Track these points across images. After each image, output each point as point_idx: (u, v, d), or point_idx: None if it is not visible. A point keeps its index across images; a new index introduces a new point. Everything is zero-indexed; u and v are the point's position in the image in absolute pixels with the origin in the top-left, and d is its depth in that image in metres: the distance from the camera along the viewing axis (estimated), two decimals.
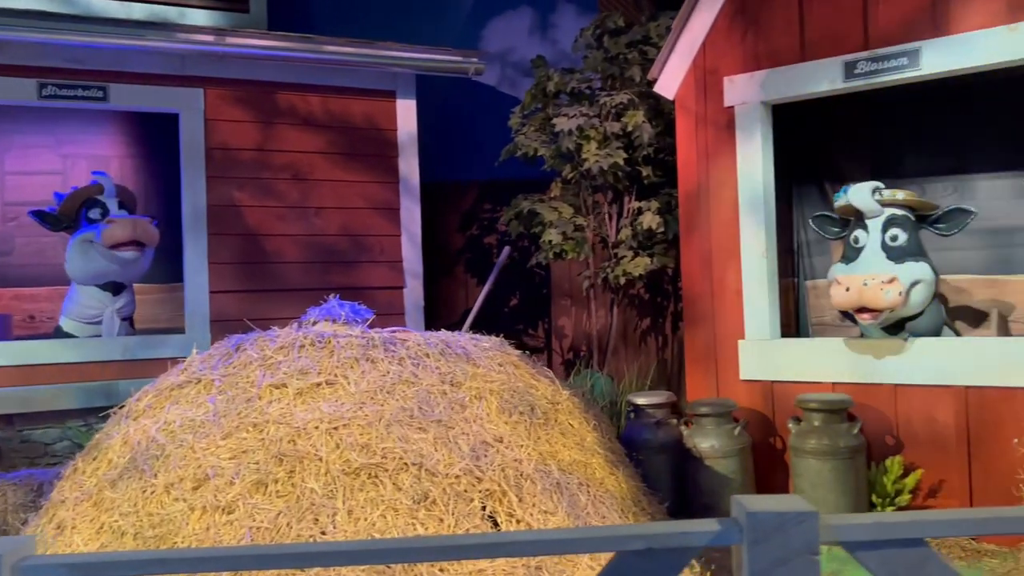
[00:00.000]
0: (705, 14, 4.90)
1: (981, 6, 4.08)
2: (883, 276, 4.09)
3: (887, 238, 4.32)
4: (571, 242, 5.66)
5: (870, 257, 4.29)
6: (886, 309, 4.10)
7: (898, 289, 4.07)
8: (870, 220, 4.38)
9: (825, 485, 4.19)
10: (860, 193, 4.37)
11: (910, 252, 4.30)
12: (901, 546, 1.24)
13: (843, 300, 4.20)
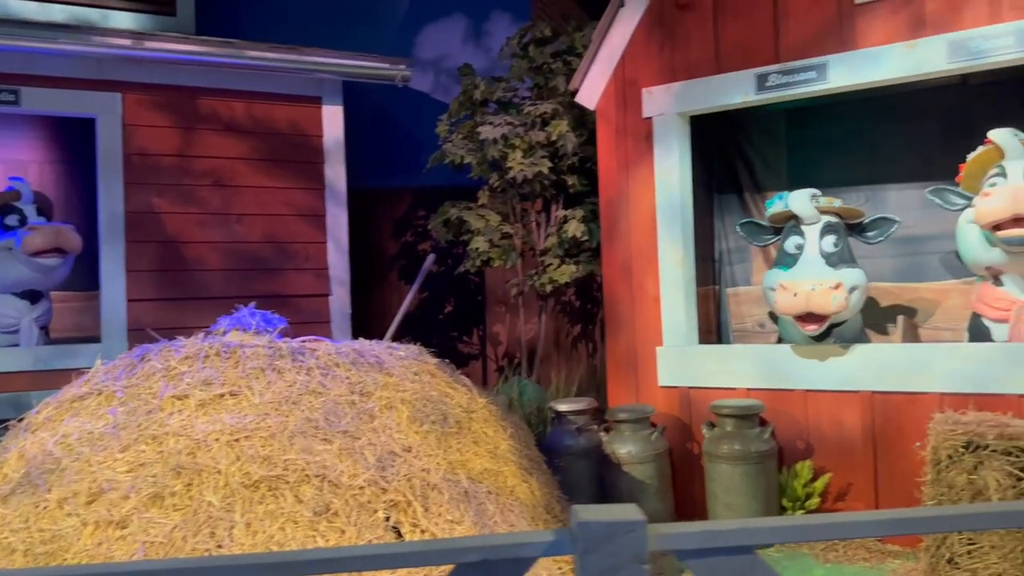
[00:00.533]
0: (624, 26, 4.96)
1: (884, 23, 4.21)
2: (830, 281, 4.17)
3: (824, 244, 4.42)
4: (498, 250, 5.68)
5: (809, 263, 4.37)
6: (832, 314, 4.17)
7: (843, 294, 4.15)
8: (807, 226, 4.47)
9: (736, 489, 4.27)
10: (800, 199, 4.47)
11: (845, 258, 4.41)
12: (729, 554, 1.27)
13: (789, 305, 4.23)
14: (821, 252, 4.40)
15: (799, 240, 4.48)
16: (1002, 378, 3.89)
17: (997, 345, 4.01)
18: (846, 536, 1.31)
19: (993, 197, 3.89)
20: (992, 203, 3.89)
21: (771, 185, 5.69)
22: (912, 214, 5.17)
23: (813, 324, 4.24)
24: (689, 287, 4.86)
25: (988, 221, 3.92)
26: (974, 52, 3.95)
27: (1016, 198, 3.82)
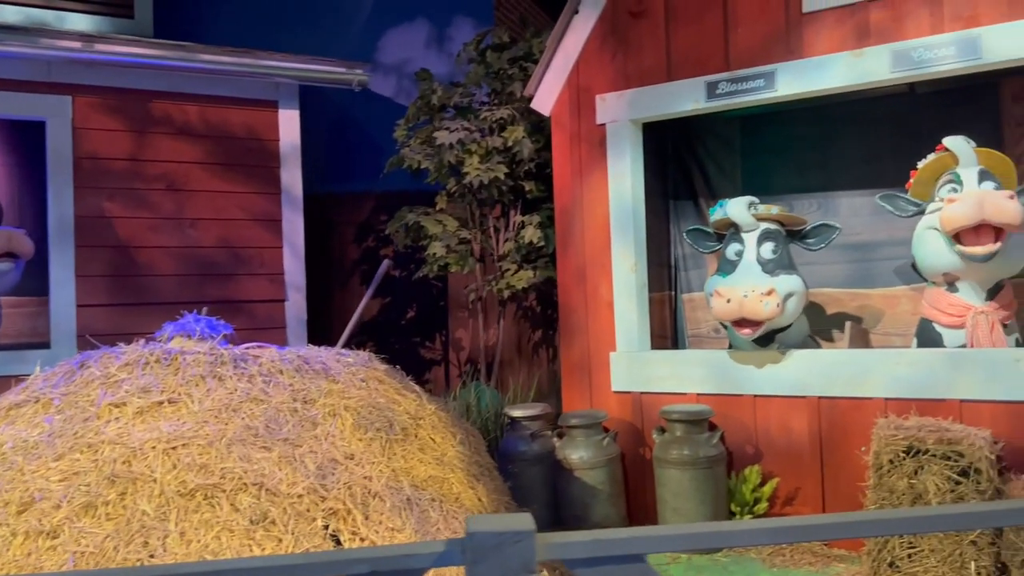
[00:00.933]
0: (578, 33, 4.98)
1: (830, 33, 4.26)
2: (762, 287, 4.21)
3: (762, 251, 4.46)
4: (455, 255, 5.67)
5: (747, 269, 4.41)
6: (765, 320, 4.21)
7: (776, 300, 4.18)
8: (746, 233, 4.52)
9: (685, 494, 4.29)
10: (737, 207, 4.51)
11: (783, 265, 4.45)
12: (619, 562, 1.27)
13: (724, 311, 4.29)
14: (759, 259, 4.44)
15: (738, 247, 4.52)
16: (944, 384, 3.94)
17: (940, 351, 4.06)
18: (735, 544, 1.31)
19: (959, 203, 3.94)
20: (959, 209, 3.94)
21: (726, 192, 5.73)
22: (863, 221, 5.24)
23: (748, 329, 4.29)
24: (642, 293, 4.88)
25: (954, 227, 3.96)
26: (916, 62, 4.01)
27: (983, 204, 3.87)
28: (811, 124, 5.37)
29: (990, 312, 4.12)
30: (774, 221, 4.56)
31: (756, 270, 4.40)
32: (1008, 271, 4.15)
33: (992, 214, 3.78)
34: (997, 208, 3.78)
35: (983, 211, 3.82)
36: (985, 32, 3.85)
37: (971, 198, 3.88)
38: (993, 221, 3.79)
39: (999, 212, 3.77)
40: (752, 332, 4.28)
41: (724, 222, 4.64)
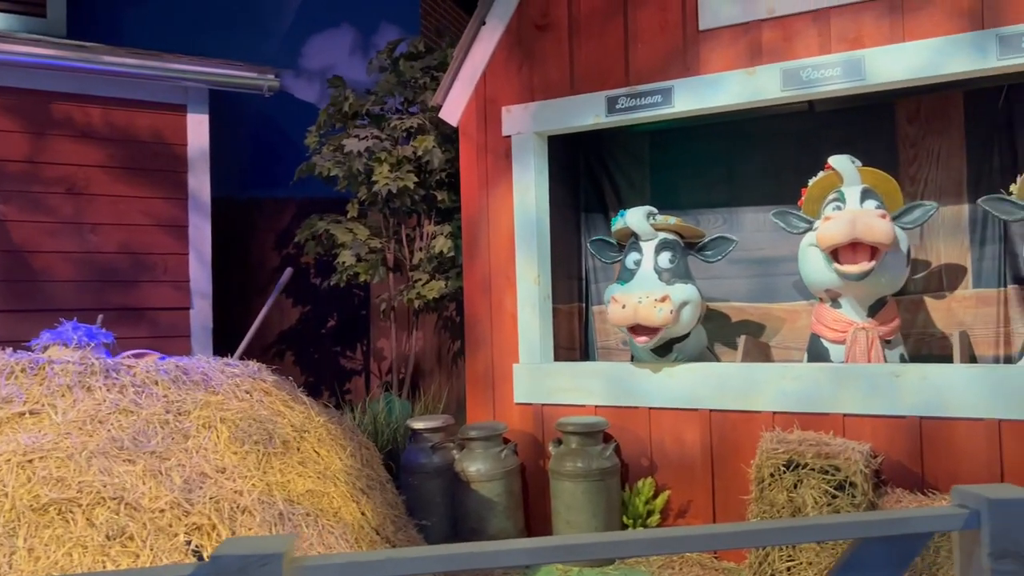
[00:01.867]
0: (485, 44, 4.98)
1: (725, 51, 4.32)
2: (656, 294, 4.24)
3: (659, 260, 4.50)
4: (365, 264, 5.61)
5: (644, 278, 4.45)
6: (659, 326, 4.23)
7: (669, 307, 4.21)
8: (644, 243, 4.56)
9: (578, 507, 4.29)
10: (636, 216, 4.55)
11: (680, 275, 4.49)
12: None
13: (619, 317, 4.31)
14: (656, 267, 4.49)
15: (637, 256, 4.57)
16: (828, 398, 4.00)
17: (824, 366, 4.13)
18: (511, 564, 1.29)
19: (833, 222, 4.01)
20: (832, 228, 4.01)
21: (635, 205, 5.76)
22: (766, 236, 5.32)
23: (643, 336, 4.31)
24: (545, 305, 4.88)
25: (828, 245, 4.04)
26: (805, 81, 4.08)
27: (855, 223, 3.94)
28: (718, 140, 5.45)
29: (870, 328, 4.20)
30: (672, 232, 4.61)
31: (652, 278, 4.44)
32: (889, 288, 4.24)
33: (863, 233, 3.87)
34: (868, 227, 3.86)
35: (855, 230, 3.91)
36: (868, 54, 3.94)
37: (844, 217, 3.96)
38: (864, 240, 3.88)
39: (870, 231, 3.86)
40: (648, 339, 4.31)
41: (624, 232, 4.68)
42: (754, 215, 5.38)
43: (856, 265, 3.98)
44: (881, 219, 3.94)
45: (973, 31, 3.74)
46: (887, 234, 3.91)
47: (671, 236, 4.61)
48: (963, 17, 3.76)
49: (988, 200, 4.13)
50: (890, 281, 4.18)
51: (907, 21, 3.88)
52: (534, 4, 4.86)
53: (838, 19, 4.04)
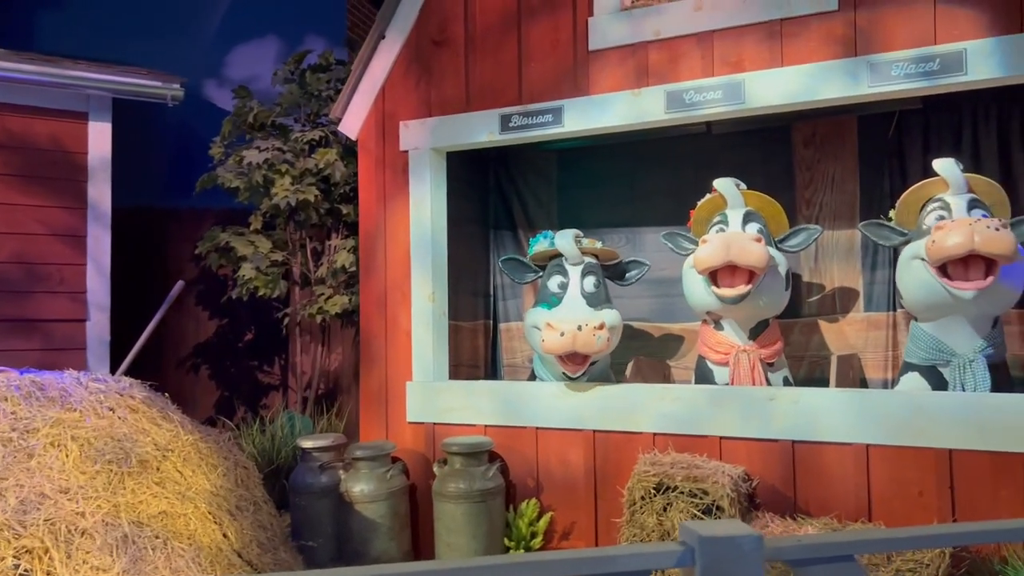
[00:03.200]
0: (385, 58, 4.94)
1: (613, 71, 4.32)
2: (595, 321, 4.14)
3: (585, 285, 4.44)
4: (264, 278, 5.51)
5: (572, 302, 4.36)
6: (595, 353, 4.16)
7: (607, 334, 4.14)
8: (572, 266, 4.49)
9: (458, 529, 4.23)
10: (565, 239, 4.48)
11: (602, 299, 4.45)
12: None
13: (557, 345, 4.12)
14: (583, 292, 4.43)
15: (562, 279, 4.49)
16: (706, 420, 3.99)
17: (702, 387, 4.13)
18: None
19: (708, 245, 4.01)
20: (707, 251, 4.01)
21: (542, 224, 5.75)
22: (668, 256, 5.30)
23: (577, 364, 4.21)
24: (440, 322, 4.83)
25: (703, 267, 4.04)
26: (688, 104, 4.09)
27: (729, 246, 3.94)
28: (623, 159, 5.45)
29: (752, 351, 4.21)
30: (594, 255, 4.58)
31: (581, 303, 4.36)
32: (769, 311, 4.25)
33: (737, 256, 3.87)
34: (742, 250, 3.86)
35: (729, 253, 3.91)
36: (748, 78, 3.96)
37: (719, 240, 3.96)
38: (738, 263, 3.88)
39: (744, 254, 3.86)
40: (580, 368, 4.19)
41: (546, 253, 4.62)
42: (655, 235, 5.37)
43: (732, 289, 3.98)
44: (756, 243, 3.94)
45: (846, 58, 3.77)
46: (761, 258, 3.92)
47: (593, 260, 4.57)
48: (837, 44, 3.80)
49: (867, 226, 4.16)
50: (769, 304, 4.19)
51: (785, 46, 3.91)
52: (432, 20, 4.83)
53: (721, 42, 4.06)
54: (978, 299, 3.64)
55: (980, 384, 3.74)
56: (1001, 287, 3.67)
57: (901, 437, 3.60)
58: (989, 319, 3.85)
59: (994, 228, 3.53)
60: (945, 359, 3.84)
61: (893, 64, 3.66)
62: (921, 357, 3.93)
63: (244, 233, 5.73)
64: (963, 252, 3.54)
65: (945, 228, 3.60)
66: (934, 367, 3.90)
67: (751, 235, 4.01)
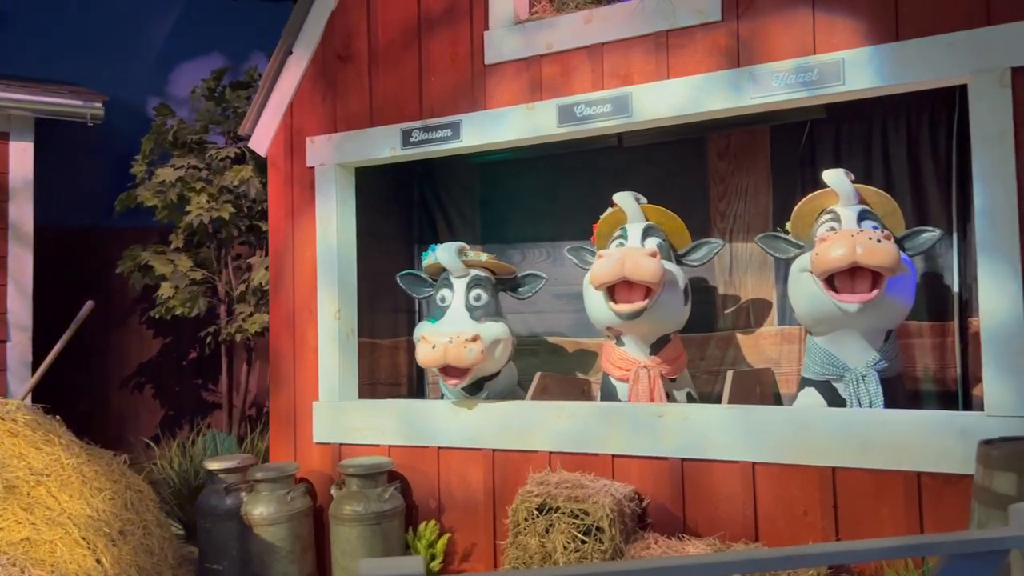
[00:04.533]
0: (292, 74, 4.90)
1: (508, 85, 4.27)
2: (466, 334, 4.09)
3: (470, 297, 4.38)
4: (182, 297, 5.45)
5: (455, 315, 4.33)
6: (469, 367, 4.11)
7: (480, 347, 4.08)
8: (456, 279, 4.44)
9: (352, 552, 4.15)
10: (447, 253, 4.43)
11: (490, 312, 4.38)
12: None
13: (429, 358, 4.12)
14: (467, 305, 4.37)
15: (448, 293, 4.45)
16: (599, 438, 3.92)
17: (595, 404, 4.06)
18: None
19: (603, 260, 3.95)
20: (601, 266, 3.95)
21: (467, 239, 5.68)
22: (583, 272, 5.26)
23: (454, 378, 4.18)
24: (348, 340, 4.76)
25: (598, 283, 3.97)
26: (579, 117, 4.04)
27: (624, 262, 3.87)
28: (543, 173, 5.40)
29: (652, 367, 4.13)
30: (484, 268, 4.52)
31: (464, 316, 4.32)
32: (671, 326, 4.18)
33: (631, 271, 3.80)
34: (636, 266, 3.80)
35: (623, 269, 3.84)
36: (636, 90, 3.91)
37: (613, 256, 3.90)
38: (632, 279, 3.81)
39: (637, 270, 3.79)
40: (458, 382, 4.16)
41: (435, 267, 4.57)
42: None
43: (628, 304, 3.91)
44: (650, 258, 3.87)
45: (730, 69, 3.72)
46: (655, 273, 3.85)
47: (483, 273, 4.51)
48: (721, 55, 3.75)
49: (764, 238, 4.10)
50: (668, 319, 4.12)
51: (672, 58, 3.86)
52: (338, 35, 4.79)
53: (610, 55, 4.01)
54: (866, 312, 3.57)
55: (874, 399, 3.66)
56: (888, 300, 3.60)
57: (786, 455, 3.52)
58: (881, 332, 3.78)
59: (876, 240, 3.46)
60: (838, 374, 3.77)
61: (774, 75, 3.60)
62: (816, 372, 3.86)
63: (165, 252, 5.67)
64: (845, 264, 3.47)
65: (829, 240, 3.53)
66: (828, 382, 3.83)
67: (646, 250, 3.94)
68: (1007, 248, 3.15)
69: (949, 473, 3.21)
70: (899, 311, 3.71)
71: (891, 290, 3.59)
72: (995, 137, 3.18)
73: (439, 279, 4.58)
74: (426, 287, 4.73)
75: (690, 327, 4.97)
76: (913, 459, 3.28)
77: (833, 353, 3.78)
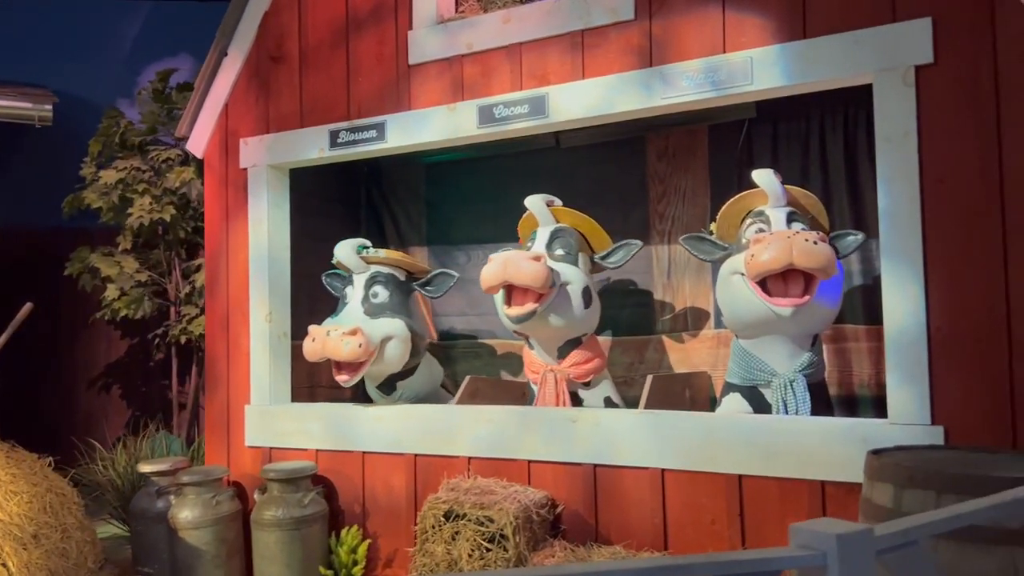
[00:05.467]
0: (227, 75, 4.87)
1: (431, 86, 4.22)
2: (344, 327, 4.07)
3: (369, 294, 4.36)
4: (126, 299, 5.44)
5: (349, 312, 4.32)
6: (348, 360, 4.07)
7: (359, 341, 4.04)
8: (357, 276, 4.42)
9: (272, 557, 4.12)
10: (344, 249, 4.41)
11: (389, 309, 4.34)
12: None
13: (309, 351, 4.14)
14: (363, 301, 4.34)
15: (350, 289, 4.44)
16: (516, 443, 3.87)
17: (513, 409, 4.00)
18: None
19: (489, 264, 3.93)
20: (486, 270, 3.94)
21: (413, 240, 5.66)
22: None
23: (344, 374, 4.16)
24: (279, 343, 4.72)
25: (485, 287, 3.97)
26: (498, 118, 3.98)
27: (506, 266, 3.83)
28: (487, 175, 5.35)
29: (559, 370, 4.07)
30: (391, 265, 4.48)
31: (358, 312, 4.30)
32: (574, 329, 4.09)
33: (512, 275, 3.77)
34: (517, 270, 3.76)
35: (505, 272, 3.80)
36: (552, 91, 3.85)
37: (497, 260, 3.87)
38: (514, 282, 3.77)
39: (518, 273, 3.75)
40: (349, 377, 4.15)
41: (341, 263, 4.54)
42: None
43: (517, 307, 3.87)
44: (533, 262, 3.82)
45: (642, 68, 3.65)
46: (536, 277, 3.78)
47: (386, 270, 4.48)
48: (634, 54, 3.68)
49: (688, 239, 4.03)
50: (567, 323, 4.03)
51: (587, 58, 3.80)
52: (270, 35, 4.76)
53: (528, 55, 3.95)
54: (797, 316, 3.49)
55: (801, 405, 3.58)
56: (818, 304, 3.52)
57: (694, 462, 3.45)
58: (808, 337, 3.70)
59: (812, 241, 3.38)
60: (766, 379, 3.69)
61: (684, 74, 3.53)
62: (742, 377, 3.78)
63: (113, 253, 5.66)
64: (781, 266, 3.39)
65: (764, 241, 3.45)
66: (755, 387, 3.74)
67: (530, 254, 3.89)
68: (910, 251, 3.07)
69: (852, 482, 3.13)
70: (828, 315, 3.63)
71: (821, 294, 3.51)
72: (899, 137, 3.10)
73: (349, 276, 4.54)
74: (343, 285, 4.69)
75: (629, 330, 4.93)
76: (817, 468, 3.21)
77: (760, 358, 3.69)
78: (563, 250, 4.15)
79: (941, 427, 2.99)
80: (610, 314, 4.99)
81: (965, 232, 3.00)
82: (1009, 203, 2.93)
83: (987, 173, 2.97)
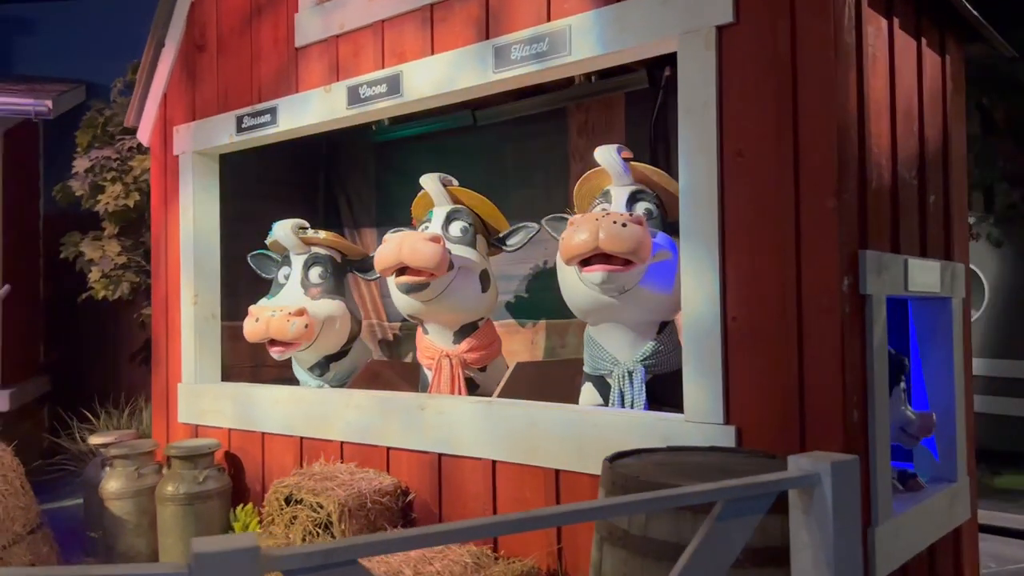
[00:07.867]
0: (165, 64, 5.03)
1: (314, 67, 4.20)
2: (290, 308, 4.15)
3: (309, 275, 4.43)
4: (104, 280, 5.78)
5: (289, 292, 4.39)
6: (292, 340, 4.16)
7: (304, 322, 4.12)
8: (295, 256, 4.49)
9: (168, 531, 4.30)
10: (283, 229, 4.48)
11: (328, 290, 4.40)
12: None
13: (252, 331, 4.21)
14: (303, 282, 4.40)
15: (287, 270, 4.49)
16: (378, 429, 3.84)
17: (376, 394, 3.95)
18: None
19: (384, 245, 3.84)
20: (381, 251, 3.85)
21: (365, 221, 5.69)
22: None
23: (277, 348, 4.23)
24: (205, 324, 4.87)
25: (380, 268, 3.89)
26: (363, 98, 3.91)
27: (402, 246, 3.75)
28: (431, 155, 5.29)
29: (453, 355, 3.98)
30: (329, 247, 4.52)
31: (298, 293, 4.37)
32: (471, 313, 3.99)
33: (407, 256, 3.66)
34: (412, 251, 3.64)
35: (400, 254, 3.71)
36: (407, 68, 3.74)
37: (393, 240, 3.76)
38: (409, 264, 3.66)
39: (414, 255, 3.64)
40: (282, 352, 4.22)
41: (277, 244, 4.61)
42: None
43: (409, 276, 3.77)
44: (429, 242, 3.71)
45: (480, 42, 3.48)
46: (431, 258, 3.68)
47: (324, 251, 4.52)
48: (474, 27, 3.51)
49: (548, 220, 3.82)
50: (464, 306, 3.94)
51: (436, 33, 3.65)
52: (196, 25, 4.87)
53: (390, 33, 3.85)
54: (628, 301, 3.26)
55: (636, 396, 3.36)
56: (646, 288, 3.26)
57: (519, 454, 3.31)
58: (652, 325, 3.44)
59: (622, 223, 3.14)
60: (608, 368, 3.47)
61: (513, 47, 3.33)
62: (591, 366, 3.57)
63: (100, 238, 6.02)
64: (587, 250, 3.17)
65: (574, 225, 3.24)
66: (603, 377, 3.53)
67: (426, 235, 3.78)
68: (706, 233, 2.78)
69: None
70: (663, 300, 3.36)
71: (651, 278, 3.26)
72: (699, 108, 2.80)
73: (284, 258, 4.60)
74: (275, 266, 4.76)
75: (555, 313, 4.76)
76: None
77: (603, 346, 3.48)
78: (460, 232, 4.05)
79: (733, 427, 2.71)
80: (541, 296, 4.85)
81: (760, 211, 2.68)
82: (804, 178, 2.60)
83: (782, 144, 2.64)
